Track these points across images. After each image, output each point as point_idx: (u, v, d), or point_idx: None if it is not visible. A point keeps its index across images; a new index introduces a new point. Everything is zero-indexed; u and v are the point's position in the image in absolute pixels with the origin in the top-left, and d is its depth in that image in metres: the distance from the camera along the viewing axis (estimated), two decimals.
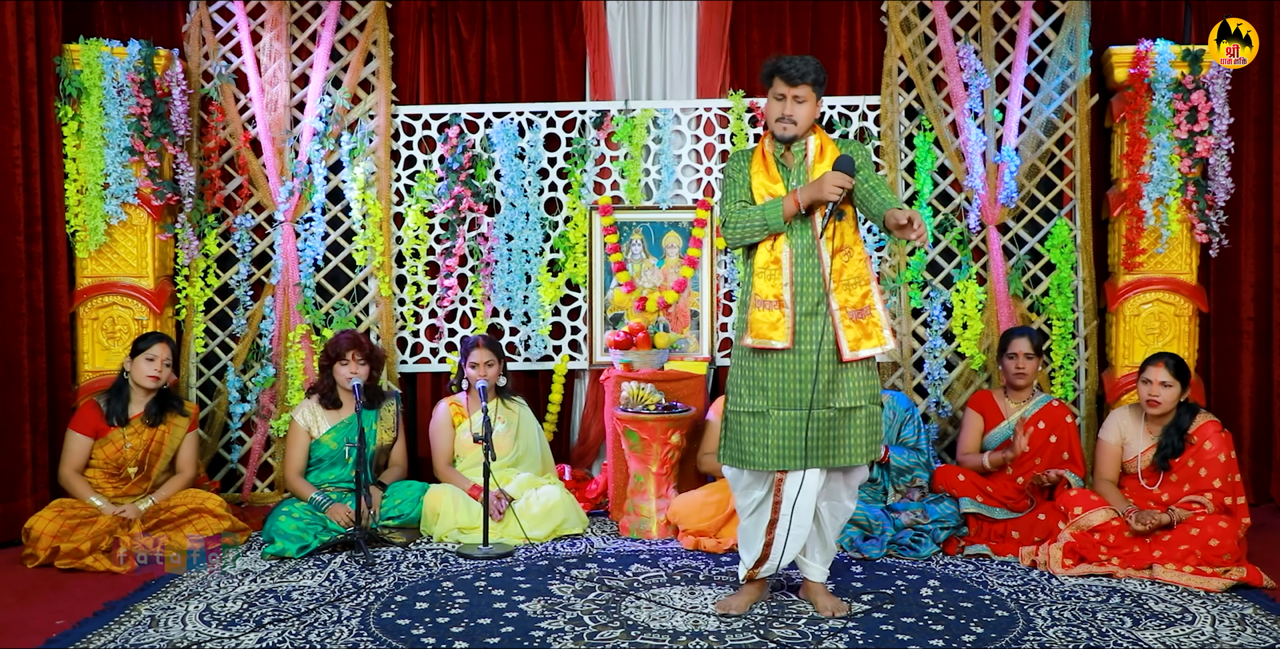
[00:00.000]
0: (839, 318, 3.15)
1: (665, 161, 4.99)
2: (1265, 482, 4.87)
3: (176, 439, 4.19)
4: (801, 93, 3.17)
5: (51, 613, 3.29)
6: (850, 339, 3.15)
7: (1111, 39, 4.87)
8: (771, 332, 3.16)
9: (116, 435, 4.09)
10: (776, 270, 3.17)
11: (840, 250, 3.17)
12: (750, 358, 3.23)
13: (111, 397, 4.13)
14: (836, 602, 3.30)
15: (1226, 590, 3.50)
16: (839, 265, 3.16)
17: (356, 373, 4.28)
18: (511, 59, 5.10)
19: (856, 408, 3.18)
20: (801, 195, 3.12)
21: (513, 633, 3.09)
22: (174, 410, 4.19)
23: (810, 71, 3.15)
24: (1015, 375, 4.25)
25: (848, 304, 3.16)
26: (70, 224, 4.63)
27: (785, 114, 3.18)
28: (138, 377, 4.11)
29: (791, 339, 3.16)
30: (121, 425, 4.09)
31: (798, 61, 3.16)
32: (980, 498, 4.06)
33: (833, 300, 3.16)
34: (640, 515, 4.29)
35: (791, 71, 3.15)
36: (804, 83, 3.15)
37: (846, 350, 3.15)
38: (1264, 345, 4.88)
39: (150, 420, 4.13)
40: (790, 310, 3.16)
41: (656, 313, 4.95)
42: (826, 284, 3.15)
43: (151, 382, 4.11)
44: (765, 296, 3.18)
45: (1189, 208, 4.67)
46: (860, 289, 3.17)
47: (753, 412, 3.20)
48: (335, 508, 4.10)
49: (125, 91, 4.62)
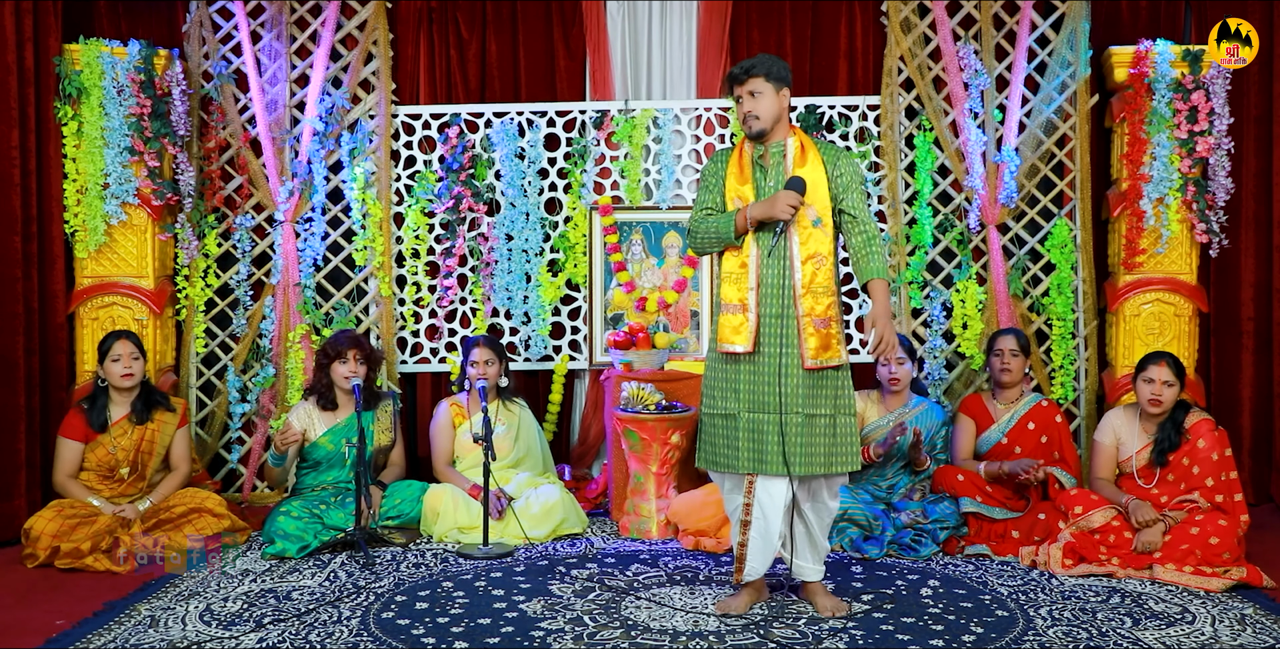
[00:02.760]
0: (804, 324, 3.15)
1: (665, 161, 4.99)
2: (1265, 482, 4.87)
3: (167, 436, 4.17)
4: (754, 86, 3.17)
5: (51, 613, 3.28)
6: (811, 348, 3.15)
7: (1111, 39, 4.87)
8: (734, 336, 3.17)
9: (105, 438, 4.07)
10: (743, 274, 3.18)
11: (813, 257, 3.17)
12: (722, 361, 3.24)
13: (89, 405, 4.09)
14: (836, 602, 3.30)
15: (1226, 590, 3.50)
16: (810, 271, 3.16)
17: (356, 372, 4.27)
18: (511, 59, 5.11)
19: (823, 415, 3.17)
20: (752, 212, 3.14)
21: (513, 633, 3.09)
22: (160, 407, 4.16)
23: (756, 64, 3.17)
24: (1001, 372, 4.25)
25: (813, 312, 3.15)
26: (70, 224, 4.63)
27: (745, 112, 3.19)
28: (112, 379, 4.07)
29: (754, 343, 3.16)
30: (104, 431, 4.06)
31: (743, 62, 3.21)
32: (980, 497, 4.06)
33: (800, 306, 3.15)
34: (640, 515, 4.29)
35: (736, 71, 3.20)
36: (752, 76, 3.17)
37: (808, 358, 3.15)
38: (1264, 345, 4.88)
39: (137, 419, 4.10)
40: (754, 314, 3.16)
41: (656, 313, 4.95)
42: (795, 290, 3.15)
43: (126, 380, 4.06)
44: (731, 301, 3.19)
45: (1189, 208, 4.68)
46: (826, 299, 3.17)
47: (725, 414, 3.21)
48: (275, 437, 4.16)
49: (125, 91, 4.62)
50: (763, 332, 3.17)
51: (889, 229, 4.93)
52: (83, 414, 4.07)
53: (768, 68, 3.18)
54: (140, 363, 4.11)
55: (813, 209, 3.17)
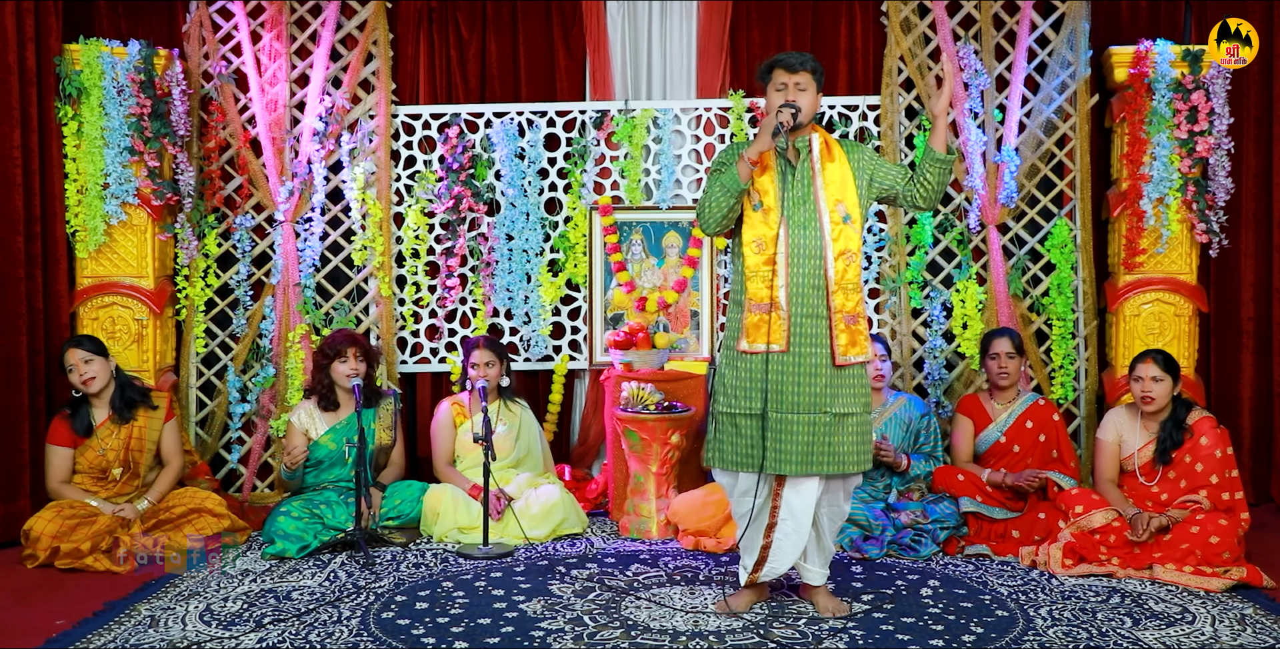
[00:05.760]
0: (835, 321, 3.15)
1: (665, 161, 4.99)
2: (1265, 482, 4.87)
3: (155, 431, 4.15)
4: (803, 80, 3.17)
5: (51, 613, 3.29)
6: (841, 345, 3.15)
7: (1111, 39, 4.87)
8: (766, 335, 3.14)
9: (93, 441, 4.06)
10: (770, 273, 3.15)
11: (844, 253, 3.17)
12: (746, 360, 3.19)
13: (72, 412, 4.08)
14: (837, 602, 3.30)
15: (1226, 590, 3.50)
16: (841, 268, 3.16)
17: (356, 370, 4.27)
18: (511, 59, 5.10)
19: (850, 414, 3.17)
20: (749, 151, 3.09)
21: (513, 633, 3.09)
22: (142, 405, 4.14)
23: (809, 60, 3.18)
24: (998, 375, 4.25)
25: (844, 308, 3.16)
26: (70, 224, 4.63)
27: (789, 100, 3.16)
28: (78, 387, 4.06)
29: (788, 342, 3.15)
30: (89, 436, 4.06)
31: (795, 54, 3.20)
32: (979, 497, 4.06)
33: (833, 302, 3.15)
34: (640, 515, 4.29)
35: (791, 60, 3.17)
36: (804, 70, 3.16)
37: (838, 355, 3.15)
38: (1264, 345, 4.88)
39: (120, 418, 4.08)
40: (786, 313, 3.15)
41: (656, 313, 4.95)
42: (829, 286, 3.15)
43: (89, 386, 4.03)
44: (760, 300, 3.15)
45: (1189, 208, 4.67)
46: (855, 296, 3.18)
47: (748, 414, 3.18)
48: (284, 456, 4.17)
49: (125, 91, 4.62)
50: (794, 330, 3.15)
51: (889, 229, 4.93)
52: (66, 420, 4.07)
53: (816, 67, 3.19)
54: (97, 364, 4.05)
55: (843, 205, 3.17)
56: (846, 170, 3.21)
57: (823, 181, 3.17)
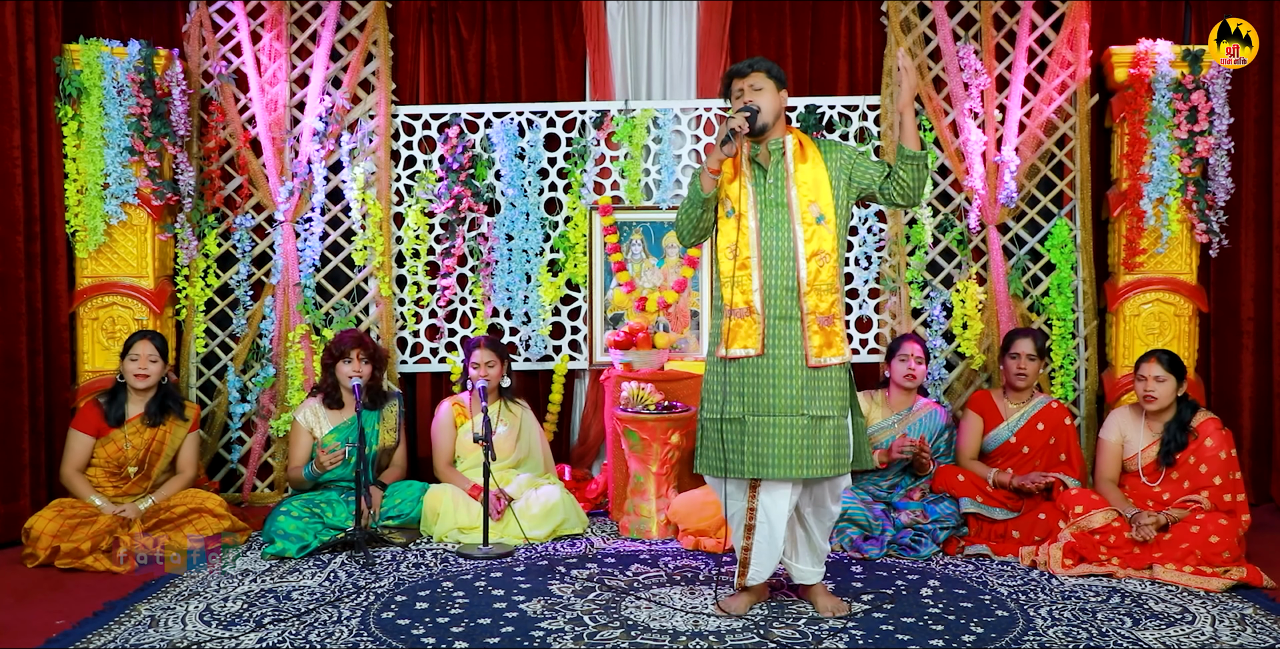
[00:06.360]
0: (808, 322, 3.15)
1: (665, 161, 4.99)
2: (1265, 482, 4.87)
3: (177, 439, 4.19)
4: (756, 80, 3.19)
5: (51, 613, 3.29)
6: (815, 346, 3.15)
7: (1111, 39, 4.87)
8: (745, 339, 3.16)
9: (118, 435, 4.09)
10: (745, 277, 3.16)
11: (817, 254, 3.16)
12: (726, 365, 3.20)
13: (108, 399, 4.13)
14: (837, 602, 3.30)
15: (1226, 590, 3.50)
16: (814, 269, 3.15)
17: (359, 371, 4.27)
18: (511, 59, 5.11)
19: (830, 418, 3.16)
20: (709, 160, 3.15)
21: (513, 633, 3.09)
22: (173, 413, 4.18)
23: (759, 61, 3.23)
24: (1016, 376, 4.24)
25: (817, 310, 3.15)
26: (70, 224, 4.63)
27: (746, 102, 3.19)
28: (127, 377, 4.11)
29: (762, 346, 3.15)
30: (119, 426, 4.09)
31: (745, 60, 3.27)
32: (980, 498, 4.06)
33: (805, 304, 3.15)
34: (640, 515, 4.29)
35: (740, 65, 3.24)
36: (755, 71, 3.20)
37: (811, 356, 3.14)
38: (1264, 345, 4.88)
39: (150, 421, 4.12)
40: (761, 316, 3.16)
41: (656, 313, 4.95)
42: (801, 288, 3.15)
43: (139, 380, 4.09)
44: (736, 304, 3.17)
45: (1189, 208, 4.68)
46: (830, 297, 3.17)
47: (728, 419, 3.18)
48: (321, 455, 4.14)
49: (125, 91, 4.62)
50: (769, 333, 3.16)
51: (889, 229, 4.93)
52: (99, 408, 4.10)
53: (769, 66, 3.22)
54: (158, 365, 4.13)
55: (816, 206, 3.17)
56: (821, 171, 3.21)
57: (795, 183, 3.18)
